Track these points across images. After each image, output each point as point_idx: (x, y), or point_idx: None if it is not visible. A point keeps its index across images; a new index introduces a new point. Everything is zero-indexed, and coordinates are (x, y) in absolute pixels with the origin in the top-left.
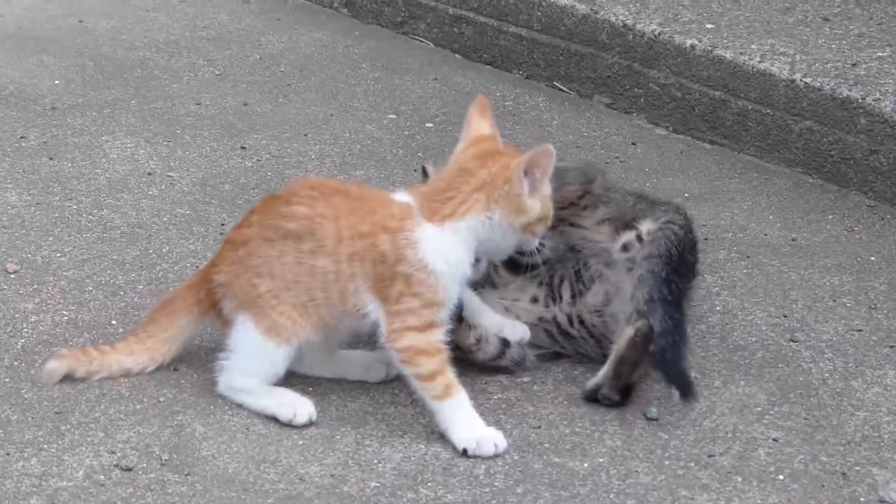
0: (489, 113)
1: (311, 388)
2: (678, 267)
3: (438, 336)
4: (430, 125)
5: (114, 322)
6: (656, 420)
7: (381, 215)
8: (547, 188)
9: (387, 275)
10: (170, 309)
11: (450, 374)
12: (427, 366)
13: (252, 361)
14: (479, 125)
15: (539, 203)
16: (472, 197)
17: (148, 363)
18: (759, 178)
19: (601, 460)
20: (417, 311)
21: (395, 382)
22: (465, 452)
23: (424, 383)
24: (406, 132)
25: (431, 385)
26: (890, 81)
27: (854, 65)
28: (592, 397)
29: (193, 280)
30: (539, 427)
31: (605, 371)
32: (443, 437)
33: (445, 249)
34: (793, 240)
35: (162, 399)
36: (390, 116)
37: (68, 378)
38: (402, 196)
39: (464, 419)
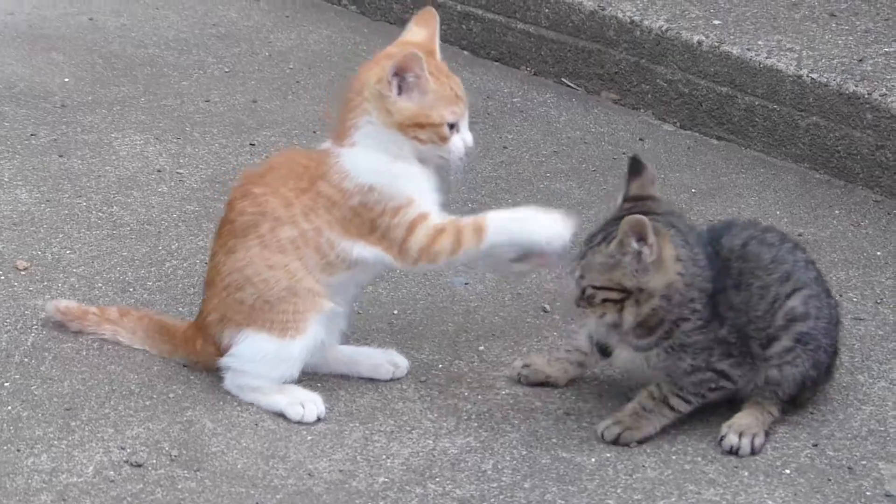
0: (433, 24)
1: (319, 385)
2: None
3: (432, 221)
4: None
5: None
6: None
7: (312, 167)
8: (427, 91)
9: (346, 215)
10: (169, 337)
11: (466, 221)
12: (448, 240)
13: (264, 366)
14: (413, 33)
15: (413, 105)
16: (360, 106)
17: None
18: (766, 173)
19: (608, 455)
20: (395, 224)
21: (403, 379)
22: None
23: (467, 248)
24: None
25: (472, 241)
26: (895, 77)
27: (861, 60)
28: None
29: (188, 331)
30: (547, 422)
31: None
32: (451, 433)
33: (365, 162)
34: (800, 235)
35: (171, 395)
36: None
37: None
38: (324, 144)
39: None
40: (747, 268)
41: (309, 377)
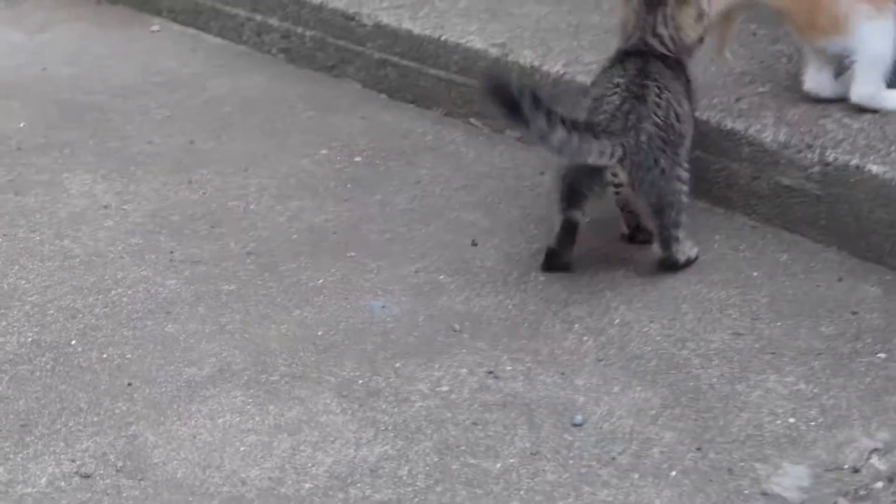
0: None
1: (251, 400)
2: None
3: None
4: (358, 159)
5: (73, 342)
6: (580, 426)
7: None
8: None
9: None
10: None
11: None
12: None
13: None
14: None
15: None
16: None
17: None
18: None
19: (512, 461)
20: None
21: (327, 394)
22: None
23: None
24: (337, 165)
25: None
26: (769, 114)
27: (738, 99)
28: None
29: None
30: (457, 431)
31: None
32: (370, 443)
33: None
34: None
35: (117, 411)
36: (322, 152)
37: None
38: None
39: None
40: None
41: (254, 389)
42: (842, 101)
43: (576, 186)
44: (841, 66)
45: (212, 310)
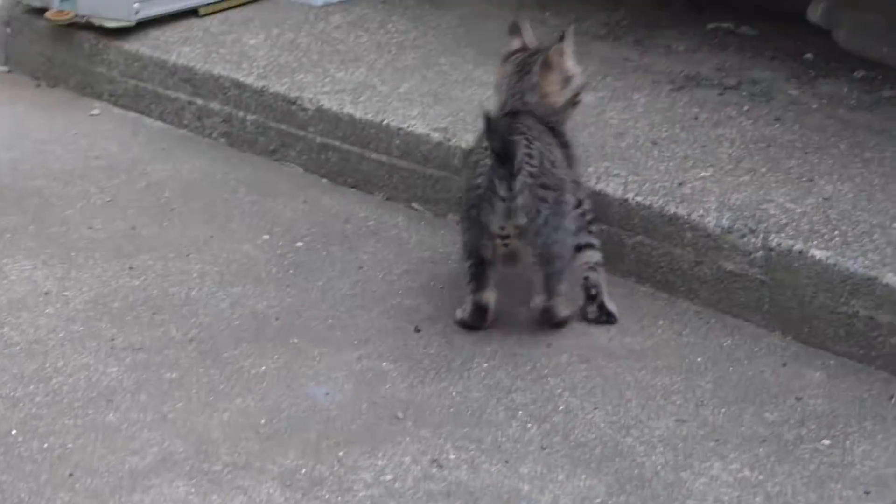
0: None
1: (204, 490)
2: None
3: None
4: (300, 244)
5: (14, 431)
6: None
7: None
8: None
9: None
10: None
11: None
12: None
13: None
14: None
15: None
16: None
17: None
18: None
19: None
20: None
21: (270, 483)
22: None
23: None
24: (279, 251)
25: None
26: (712, 199)
27: (681, 184)
28: None
29: None
30: None
31: None
32: None
33: None
34: (628, 344)
35: (59, 502)
36: (264, 237)
37: None
38: None
39: None
40: None
41: (196, 479)
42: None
43: (481, 264)
44: None
45: (154, 398)
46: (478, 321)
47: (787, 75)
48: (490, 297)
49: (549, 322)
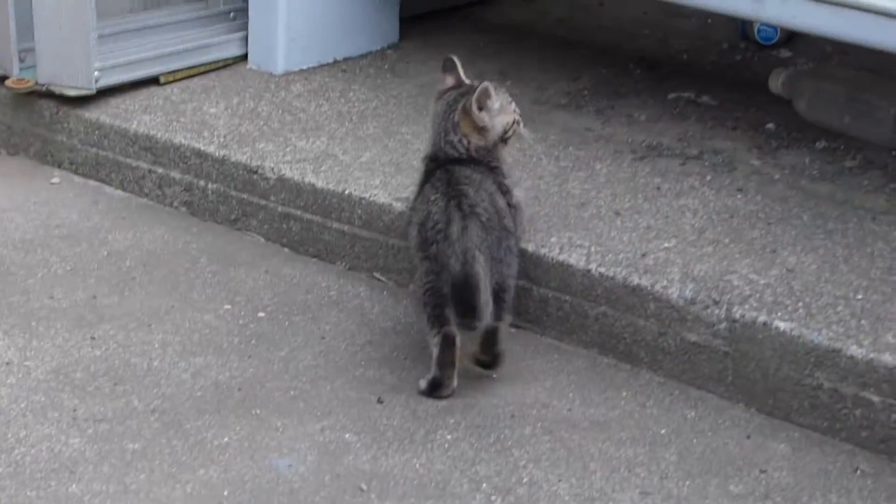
0: None
1: None
2: None
3: None
4: (262, 314)
5: None
6: None
7: None
8: None
9: None
10: None
11: None
12: None
13: None
14: None
15: None
16: None
17: None
18: (559, 359)
19: None
20: None
21: None
22: None
23: None
24: (241, 321)
25: None
26: (676, 270)
27: (644, 255)
28: None
29: None
30: None
31: None
32: None
33: None
34: (591, 415)
35: None
36: (226, 306)
37: None
38: None
39: None
40: None
41: None
42: (748, 256)
43: (439, 301)
44: None
45: (116, 469)
46: (447, 363)
47: (749, 145)
48: (455, 330)
49: (490, 346)
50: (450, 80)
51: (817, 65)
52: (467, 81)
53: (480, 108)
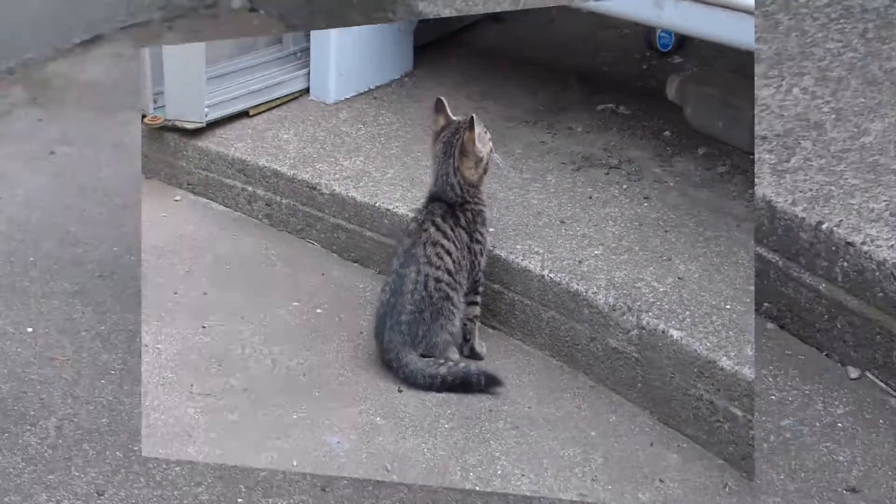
0: None
1: None
2: None
3: None
4: (319, 311)
5: None
6: None
7: None
8: None
9: None
10: None
11: None
12: None
13: None
14: None
15: None
16: None
17: None
18: (523, 359)
19: None
20: None
21: None
22: None
23: None
24: (304, 316)
25: None
26: (602, 276)
27: (580, 262)
28: None
29: None
30: None
31: None
32: None
33: None
34: (545, 414)
35: None
36: (294, 304)
37: None
38: None
39: None
40: None
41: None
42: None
43: None
44: None
45: (220, 436)
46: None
47: (652, 154)
48: None
49: (473, 356)
50: (441, 121)
51: (699, 70)
52: (454, 118)
53: (473, 142)
